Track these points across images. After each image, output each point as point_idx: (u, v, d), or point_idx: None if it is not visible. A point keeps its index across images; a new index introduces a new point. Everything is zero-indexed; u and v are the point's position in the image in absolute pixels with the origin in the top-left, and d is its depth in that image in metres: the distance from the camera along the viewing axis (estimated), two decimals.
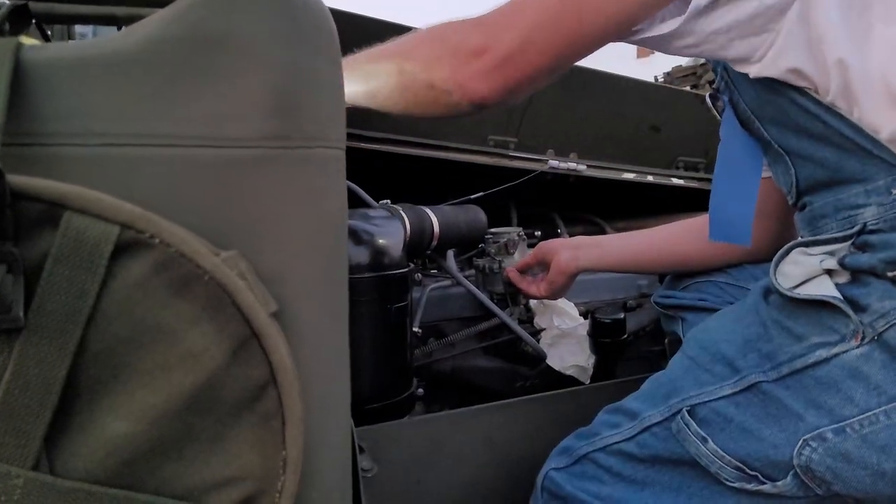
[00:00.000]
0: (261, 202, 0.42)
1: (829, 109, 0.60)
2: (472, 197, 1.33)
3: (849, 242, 0.59)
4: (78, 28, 0.75)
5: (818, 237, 0.62)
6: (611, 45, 0.91)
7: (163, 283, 0.36)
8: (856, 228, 0.59)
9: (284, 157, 0.42)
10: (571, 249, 1.11)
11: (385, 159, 1.29)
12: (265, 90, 0.41)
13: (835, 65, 0.58)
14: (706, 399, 0.64)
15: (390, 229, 0.91)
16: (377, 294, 0.87)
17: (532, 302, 1.28)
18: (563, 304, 1.26)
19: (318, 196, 0.45)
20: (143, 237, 0.35)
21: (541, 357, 1.19)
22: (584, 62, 1.45)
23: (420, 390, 1.00)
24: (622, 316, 1.22)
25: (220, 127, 0.40)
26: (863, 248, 0.59)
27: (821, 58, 0.59)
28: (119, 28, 0.65)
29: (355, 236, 0.86)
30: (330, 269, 0.47)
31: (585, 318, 1.26)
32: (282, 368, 0.39)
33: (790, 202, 0.72)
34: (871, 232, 0.58)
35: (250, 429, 0.39)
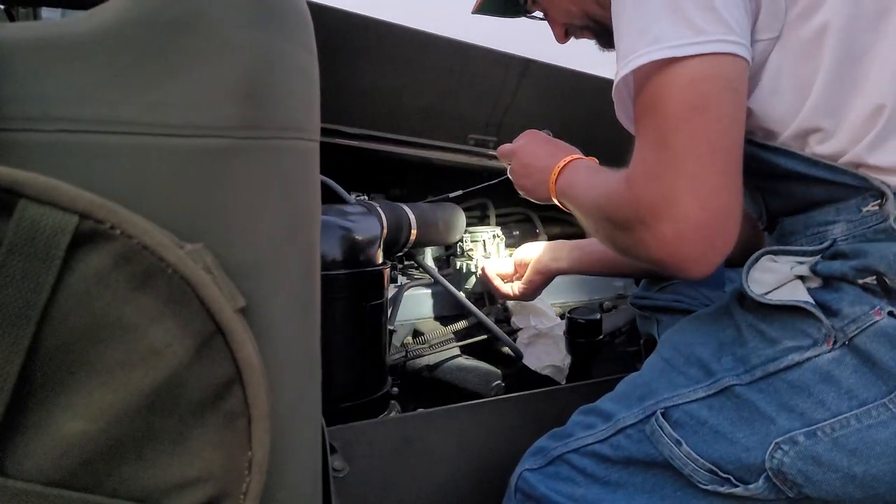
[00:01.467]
0: (230, 194, 0.41)
1: (778, 150, 0.61)
2: (451, 196, 1.33)
3: (818, 256, 0.60)
4: (44, 12, 0.73)
5: (788, 248, 0.63)
6: (593, 46, 0.91)
7: (123, 277, 0.34)
8: (826, 244, 0.60)
9: (255, 148, 0.41)
10: (551, 252, 1.12)
11: (362, 155, 1.27)
12: (234, 76, 0.40)
13: (808, 112, 0.58)
14: (680, 401, 0.64)
15: (366, 225, 0.90)
16: (352, 291, 0.86)
17: (509, 302, 1.28)
18: (540, 304, 1.25)
19: (291, 189, 0.44)
20: (102, 228, 0.34)
21: (517, 357, 1.19)
22: (569, 63, 1.46)
23: (395, 389, 0.99)
24: (598, 317, 1.22)
25: (186, 114, 0.39)
26: (834, 257, 0.59)
27: (781, 107, 0.59)
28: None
29: (330, 232, 0.85)
30: (301, 264, 0.45)
31: (562, 318, 1.26)
32: (248, 366, 0.38)
33: (762, 227, 0.72)
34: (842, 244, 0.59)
35: (214, 429, 0.38)
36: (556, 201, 0.81)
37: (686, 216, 0.54)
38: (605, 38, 0.84)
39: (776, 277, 0.61)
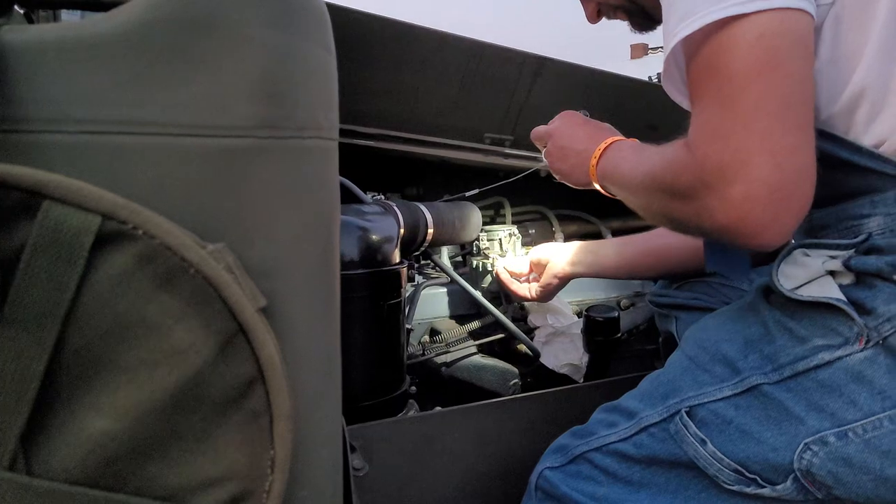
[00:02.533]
0: (250, 194, 0.41)
1: (822, 133, 0.59)
2: (468, 194, 1.33)
3: (852, 250, 0.58)
4: (64, 14, 0.73)
5: (821, 241, 0.60)
6: (605, 46, 0.90)
7: (147, 277, 0.34)
8: (860, 238, 0.57)
9: (275, 147, 0.41)
10: (566, 255, 1.11)
11: (378, 155, 1.28)
12: (254, 76, 0.40)
13: (856, 83, 0.56)
14: (705, 400, 0.63)
15: (384, 225, 0.90)
16: (370, 290, 0.86)
17: None
18: (557, 302, 1.25)
19: (310, 188, 0.44)
20: (125, 228, 0.34)
21: (535, 355, 1.18)
22: (582, 61, 1.45)
23: (413, 388, 0.99)
24: (616, 314, 1.21)
25: (206, 114, 0.39)
26: (868, 251, 0.57)
27: (833, 77, 0.57)
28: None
29: (348, 231, 0.85)
30: (322, 263, 0.45)
31: (579, 316, 1.25)
32: (270, 365, 0.38)
33: None
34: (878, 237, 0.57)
35: (237, 427, 0.38)
36: (596, 186, 0.78)
37: (760, 177, 0.50)
38: (639, 18, 0.82)
39: (807, 272, 0.59)
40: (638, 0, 0.78)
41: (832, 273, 0.58)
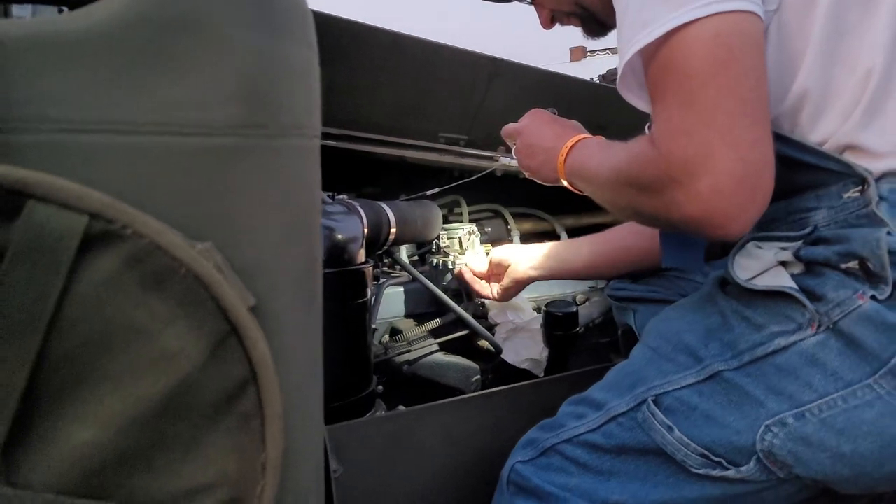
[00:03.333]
0: (233, 193, 0.40)
1: None
2: (429, 193, 1.33)
3: (801, 241, 0.61)
4: (15, 10, 0.70)
5: (771, 234, 0.64)
6: (545, 48, 0.92)
7: (136, 279, 0.33)
8: (807, 230, 0.61)
9: (257, 147, 0.40)
10: (527, 260, 1.13)
11: (332, 154, 1.26)
12: (235, 76, 0.39)
13: (799, 85, 0.59)
14: (670, 388, 0.65)
15: (349, 224, 0.89)
16: (336, 290, 0.85)
17: None
18: (517, 299, 1.27)
19: (293, 187, 0.43)
20: (113, 228, 0.33)
21: (497, 351, 1.19)
22: (528, 62, 1.47)
23: (380, 387, 0.98)
24: (575, 309, 1.24)
25: (187, 114, 0.38)
26: (816, 242, 0.61)
27: (778, 80, 0.60)
28: (59, 10, 0.60)
29: None
30: (305, 262, 0.45)
31: (538, 312, 1.27)
32: (262, 365, 0.37)
33: None
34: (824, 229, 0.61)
35: (228, 432, 0.37)
36: (564, 182, 0.80)
37: (724, 169, 0.52)
38: (591, 24, 0.85)
39: (760, 263, 0.62)
40: (590, 7, 0.81)
41: (784, 263, 0.62)
